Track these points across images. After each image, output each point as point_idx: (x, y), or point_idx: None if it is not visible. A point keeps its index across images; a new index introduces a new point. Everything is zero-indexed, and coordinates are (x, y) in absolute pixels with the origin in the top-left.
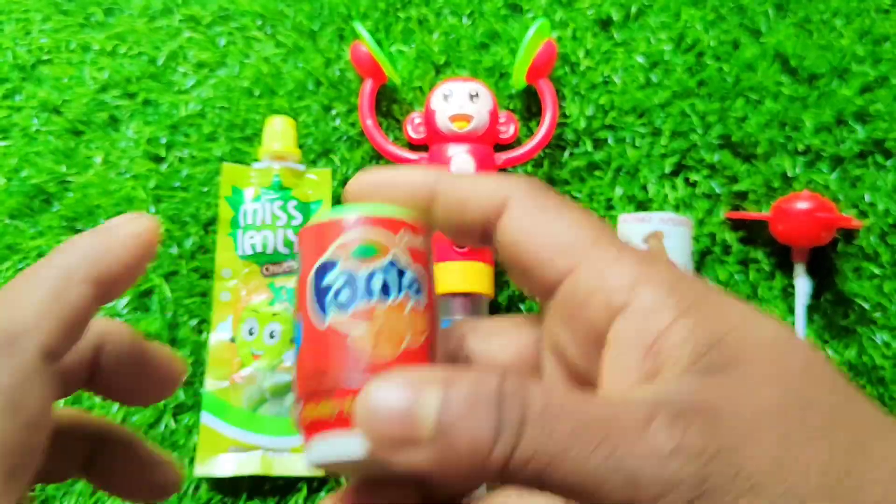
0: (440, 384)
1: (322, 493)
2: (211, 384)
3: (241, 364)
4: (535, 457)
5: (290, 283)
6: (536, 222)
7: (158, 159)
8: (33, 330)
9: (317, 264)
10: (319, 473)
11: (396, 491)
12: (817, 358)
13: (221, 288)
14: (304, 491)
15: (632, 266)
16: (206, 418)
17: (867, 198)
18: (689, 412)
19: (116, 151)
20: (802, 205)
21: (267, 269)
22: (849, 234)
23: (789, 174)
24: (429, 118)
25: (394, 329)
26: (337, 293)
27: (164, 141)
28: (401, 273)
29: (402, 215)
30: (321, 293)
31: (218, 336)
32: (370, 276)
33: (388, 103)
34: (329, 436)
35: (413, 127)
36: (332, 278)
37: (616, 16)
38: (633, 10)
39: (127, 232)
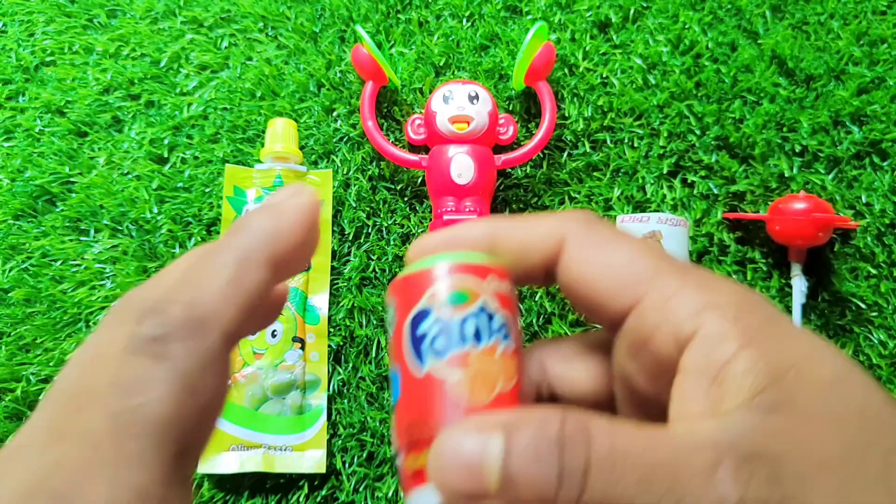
0: (503, 430)
1: (323, 491)
2: None
3: (243, 363)
4: (598, 499)
5: (293, 283)
6: (595, 257)
7: (161, 160)
8: (218, 315)
9: (411, 314)
10: (320, 471)
11: None
12: (875, 398)
13: None
14: (306, 489)
15: (696, 294)
16: None
17: (863, 198)
18: (754, 458)
19: (119, 152)
20: (799, 205)
21: None
22: (845, 235)
23: (786, 175)
24: (429, 120)
25: (487, 373)
26: (433, 340)
27: (167, 142)
28: (490, 318)
29: (488, 261)
30: (417, 342)
31: None
32: (463, 322)
33: (389, 105)
34: (423, 488)
35: (413, 128)
36: (427, 326)
37: (614, 18)
38: (632, 12)
39: (295, 209)
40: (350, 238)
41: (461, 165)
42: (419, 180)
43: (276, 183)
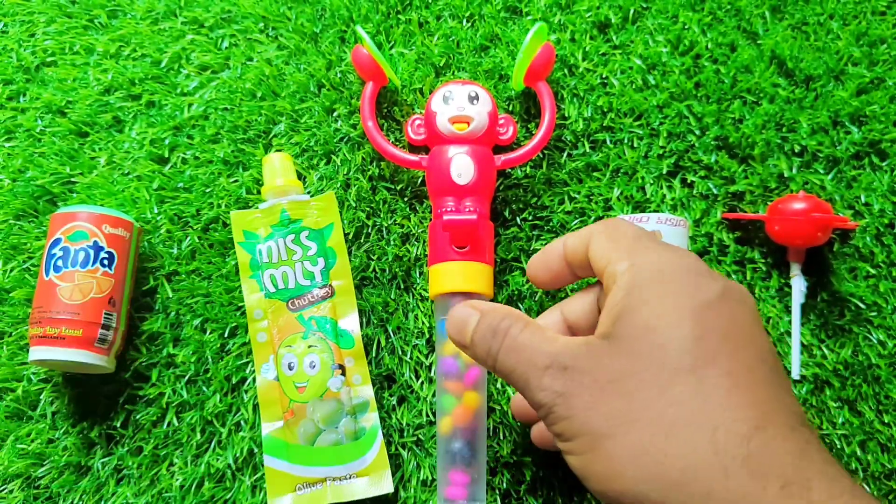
0: (479, 313)
1: None
2: (267, 427)
3: (289, 401)
4: (499, 365)
5: (318, 312)
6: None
7: (162, 160)
8: None
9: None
10: (388, 490)
11: None
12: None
13: (256, 330)
14: None
15: (623, 245)
16: (269, 461)
17: (863, 198)
18: (567, 370)
19: (120, 153)
20: (798, 205)
21: (293, 304)
22: (844, 235)
23: (785, 175)
24: (429, 120)
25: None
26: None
27: (167, 142)
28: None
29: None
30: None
31: (263, 377)
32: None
33: (389, 105)
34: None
35: (413, 128)
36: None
37: (614, 19)
38: (631, 13)
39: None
40: (350, 238)
41: (461, 165)
42: (419, 180)
43: (284, 217)
